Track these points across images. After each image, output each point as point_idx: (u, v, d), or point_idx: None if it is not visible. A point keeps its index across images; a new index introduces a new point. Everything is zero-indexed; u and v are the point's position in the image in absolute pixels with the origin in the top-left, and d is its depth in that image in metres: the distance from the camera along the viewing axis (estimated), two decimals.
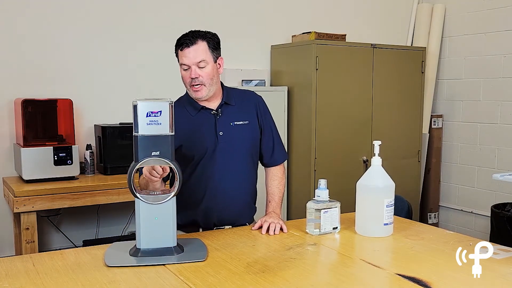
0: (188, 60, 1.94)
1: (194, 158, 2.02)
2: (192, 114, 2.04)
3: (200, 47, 1.95)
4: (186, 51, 1.94)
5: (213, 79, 1.98)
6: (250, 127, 2.08)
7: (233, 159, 2.04)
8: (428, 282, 1.44)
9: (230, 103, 2.07)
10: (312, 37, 3.84)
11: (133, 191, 1.64)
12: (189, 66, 1.95)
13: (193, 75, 1.94)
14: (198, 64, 1.94)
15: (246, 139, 2.07)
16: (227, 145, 2.03)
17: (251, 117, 2.10)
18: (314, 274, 1.57)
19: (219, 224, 2.07)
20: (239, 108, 2.09)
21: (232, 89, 2.15)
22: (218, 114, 2.04)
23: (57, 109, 3.22)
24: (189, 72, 1.96)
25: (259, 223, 1.99)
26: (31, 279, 1.46)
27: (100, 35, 3.52)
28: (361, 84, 3.96)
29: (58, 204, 2.95)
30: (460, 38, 4.47)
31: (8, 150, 3.30)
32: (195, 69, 1.94)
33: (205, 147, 2.01)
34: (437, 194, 4.64)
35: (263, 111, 2.15)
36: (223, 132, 2.02)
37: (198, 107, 2.04)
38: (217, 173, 2.02)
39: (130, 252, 1.65)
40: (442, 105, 4.64)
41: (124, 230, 3.63)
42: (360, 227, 1.92)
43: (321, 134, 3.78)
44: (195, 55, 1.93)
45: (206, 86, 1.97)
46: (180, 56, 1.97)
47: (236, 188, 2.07)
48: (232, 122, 2.05)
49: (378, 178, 1.89)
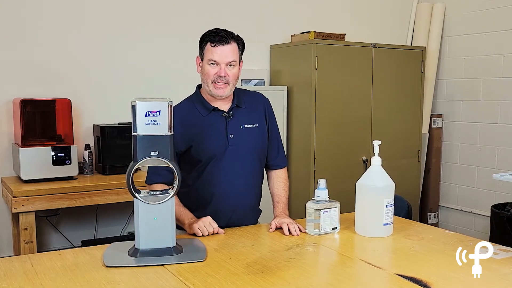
0: (219, 58, 1.95)
1: (203, 160, 2.02)
2: (204, 115, 2.04)
3: (233, 47, 1.97)
4: (219, 48, 1.94)
5: (236, 80, 2.02)
6: (259, 130, 2.09)
7: (242, 162, 2.04)
8: (428, 282, 1.43)
9: (241, 106, 2.08)
10: (311, 36, 3.83)
11: (132, 191, 1.63)
12: (218, 63, 1.95)
13: (223, 73, 1.95)
14: (228, 64, 1.96)
15: (256, 142, 2.08)
16: (237, 148, 2.03)
17: (260, 120, 2.11)
18: (314, 274, 1.57)
19: (226, 226, 2.05)
20: (249, 111, 2.10)
21: (242, 91, 2.16)
22: (229, 116, 2.04)
23: (56, 109, 3.22)
24: (216, 68, 1.96)
25: (274, 225, 1.97)
26: (29, 280, 1.46)
27: (99, 35, 3.51)
28: (360, 83, 3.96)
29: (56, 204, 2.94)
30: (460, 37, 4.46)
31: (6, 150, 3.30)
32: (224, 68, 1.95)
33: (215, 149, 2.01)
34: (437, 194, 4.64)
35: (270, 114, 2.17)
36: (233, 135, 2.03)
37: (210, 108, 2.04)
38: (226, 175, 2.02)
39: (129, 253, 1.64)
40: (442, 105, 4.64)
41: (123, 230, 3.62)
42: (360, 227, 1.92)
43: (320, 134, 3.77)
44: (227, 54, 1.95)
45: (229, 85, 1.99)
46: (209, 51, 1.96)
47: (244, 191, 2.07)
48: (243, 125, 2.05)
49: (377, 178, 1.89)
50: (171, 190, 1.67)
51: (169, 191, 1.67)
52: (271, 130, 2.15)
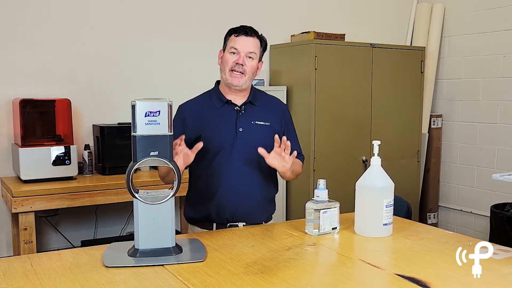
0: (240, 46, 2.03)
1: (211, 150, 2.05)
2: (217, 106, 2.10)
3: (255, 41, 2.07)
4: (242, 38, 2.04)
5: (253, 74, 2.09)
6: (270, 129, 2.11)
7: (250, 157, 2.06)
8: (428, 282, 1.43)
9: (255, 104, 2.13)
10: (311, 36, 3.83)
11: (132, 191, 1.63)
12: (239, 52, 2.03)
13: (241, 61, 2.02)
14: (248, 54, 2.04)
15: (265, 139, 2.08)
16: (245, 142, 2.06)
17: (273, 120, 2.14)
18: (313, 274, 1.57)
19: (232, 220, 2.08)
20: (263, 109, 2.14)
21: (260, 92, 2.21)
22: (241, 111, 2.09)
23: (55, 109, 3.22)
24: (235, 57, 2.03)
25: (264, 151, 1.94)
26: (29, 280, 1.46)
27: (99, 35, 3.52)
28: (360, 83, 3.96)
29: (56, 204, 2.94)
30: (459, 37, 4.47)
31: (6, 150, 3.29)
32: (243, 57, 2.03)
33: (223, 140, 2.05)
34: (437, 194, 4.64)
35: (288, 120, 2.22)
36: (243, 129, 2.07)
37: (224, 100, 2.10)
38: (232, 169, 2.05)
39: (129, 253, 1.64)
40: (441, 105, 4.64)
41: (123, 230, 3.62)
42: (360, 227, 1.92)
43: (320, 134, 3.78)
44: (249, 44, 2.04)
45: (245, 76, 2.05)
46: (232, 40, 2.05)
47: (250, 185, 2.08)
48: (254, 121, 2.10)
49: (377, 178, 1.89)
50: (170, 190, 1.67)
51: (169, 191, 1.67)
52: (288, 134, 2.17)
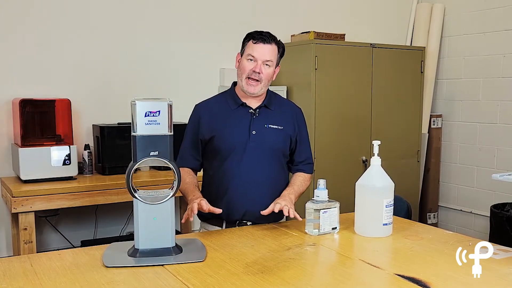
0: (258, 54, 2.04)
1: (223, 151, 2.07)
2: (232, 108, 2.12)
3: (273, 48, 2.08)
4: (260, 45, 2.05)
5: (269, 80, 2.10)
6: (283, 133, 2.13)
7: (261, 160, 2.08)
8: (428, 282, 1.43)
9: (270, 108, 2.14)
10: (311, 36, 3.83)
11: (132, 191, 1.63)
12: (256, 60, 2.04)
13: (258, 69, 2.04)
14: (265, 62, 2.05)
15: (278, 143, 2.12)
16: (258, 145, 2.07)
17: (286, 124, 2.15)
18: (313, 274, 1.57)
19: (240, 221, 2.09)
20: (277, 113, 2.15)
21: (275, 95, 2.23)
22: (255, 114, 2.10)
23: (55, 109, 3.21)
24: (252, 64, 2.05)
25: (271, 206, 1.97)
26: (29, 280, 1.46)
27: (99, 35, 3.51)
28: (360, 83, 3.96)
29: (56, 204, 2.94)
30: (459, 37, 4.46)
31: (6, 150, 3.29)
32: (260, 65, 2.04)
33: (235, 142, 2.06)
34: (437, 194, 4.64)
35: (301, 123, 2.22)
36: (256, 132, 2.08)
37: (239, 102, 2.12)
38: (243, 170, 2.06)
39: (129, 253, 1.64)
40: (441, 105, 4.64)
41: (123, 230, 3.62)
42: (359, 227, 1.92)
43: (320, 134, 3.77)
44: (266, 53, 2.05)
45: (261, 84, 2.06)
46: (250, 47, 2.06)
47: (261, 189, 2.09)
48: (267, 125, 2.11)
49: (377, 178, 1.89)
50: (170, 190, 1.67)
51: (169, 191, 1.67)
52: (302, 138, 2.19)
